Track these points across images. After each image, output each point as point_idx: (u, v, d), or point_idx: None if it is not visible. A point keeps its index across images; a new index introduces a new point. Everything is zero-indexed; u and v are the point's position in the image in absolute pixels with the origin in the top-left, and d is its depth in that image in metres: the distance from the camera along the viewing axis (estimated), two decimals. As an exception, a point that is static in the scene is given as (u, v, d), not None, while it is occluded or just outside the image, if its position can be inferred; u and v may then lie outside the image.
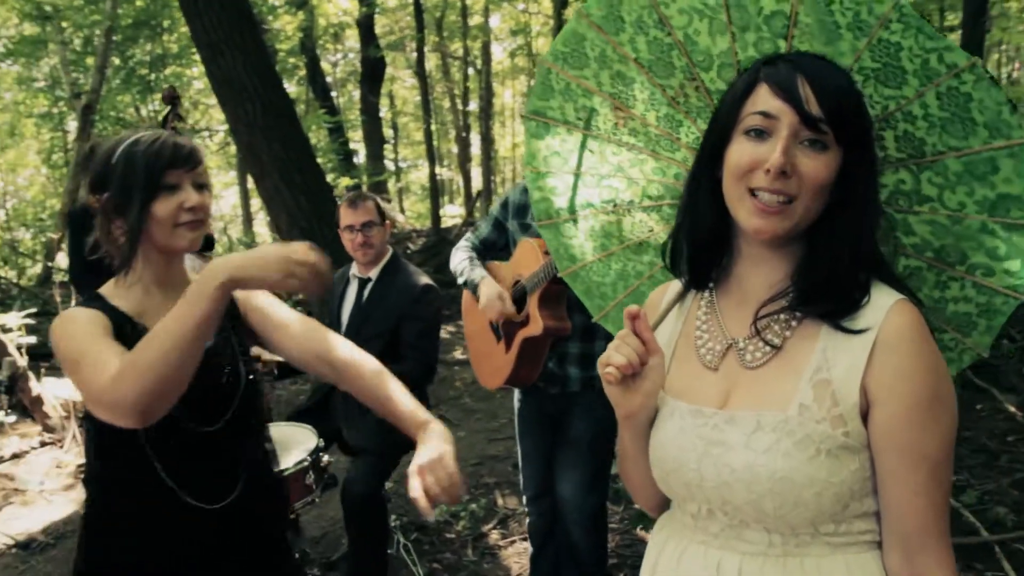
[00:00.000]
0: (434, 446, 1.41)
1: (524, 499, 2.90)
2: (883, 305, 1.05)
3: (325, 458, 2.94)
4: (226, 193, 21.23)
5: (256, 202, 21.16)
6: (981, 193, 1.11)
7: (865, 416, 1.05)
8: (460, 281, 2.76)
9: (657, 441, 1.18)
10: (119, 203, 1.48)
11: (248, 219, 18.88)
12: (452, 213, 17.22)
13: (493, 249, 2.78)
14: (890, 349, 1.03)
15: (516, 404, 2.83)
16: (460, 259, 2.77)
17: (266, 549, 1.69)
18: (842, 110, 1.03)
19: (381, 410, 1.57)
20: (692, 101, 1.32)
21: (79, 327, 1.42)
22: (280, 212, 6.20)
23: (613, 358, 1.13)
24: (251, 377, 1.65)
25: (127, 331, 1.46)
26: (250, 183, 19.09)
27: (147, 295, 1.54)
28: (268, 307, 1.68)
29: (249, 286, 1.31)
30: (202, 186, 1.52)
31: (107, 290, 1.55)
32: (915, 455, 1.02)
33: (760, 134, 1.06)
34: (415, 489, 1.36)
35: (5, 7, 11.99)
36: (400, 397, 1.56)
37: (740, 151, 1.07)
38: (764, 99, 1.05)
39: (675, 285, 1.27)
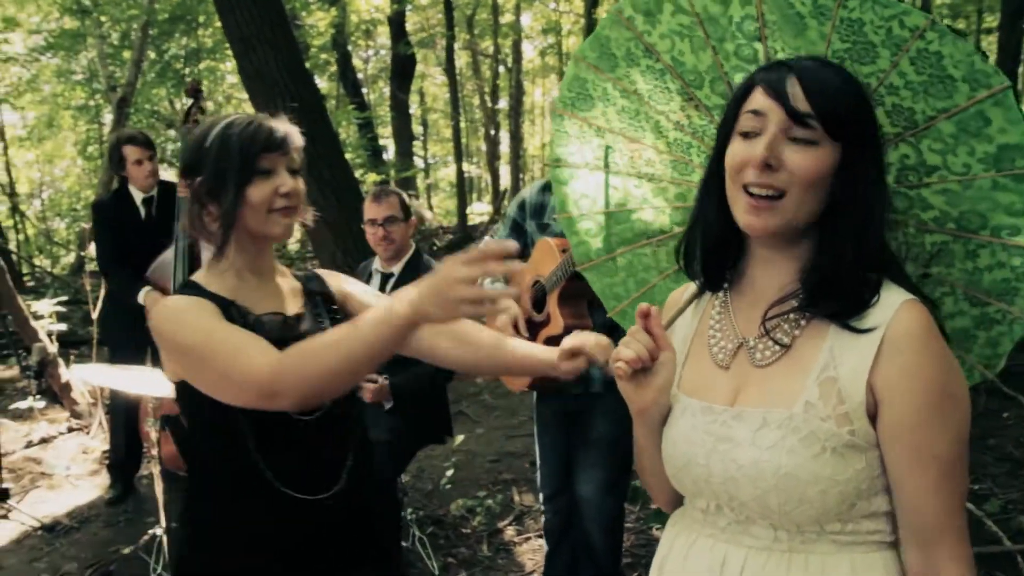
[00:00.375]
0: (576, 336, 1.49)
1: (540, 497, 2.90)
2: (891, 304, 1.05)
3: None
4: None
5: (286, 196, 21.36)
6: (981, 149, 1.10)
7: (874, 416, 1.05)
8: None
9: (669, 438, 1.20)
10: (212, 187, 1.44)
11: (278, 213, 19.06)
12: (479, 211, 17.24)
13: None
14: (897, 348, 1.03)
15: (535, 402, 2.82)
16: None
17: (369, 546, 1.64)
18: (833, 106, 1.04)
19: (511, 364, 1.62)
20: (695, 121, 1.34)
21: (195, 315, 1.40)
22: (308, 207, 6.25)
23: (623, 353, 1.16)
24: None
25: (233, 314, 1.44)
26: (281, 177, 19.27)
27: (241, 281, 1.51)
28: (363, 293, 1.68)
29: (431, 321, 1.26)
30: (296, 171, 1.49)
31: (200, 278, 1.52)
32: (925, 455, 1.02)
33: (753, 133, 1.08)
34: (572, 349, 1.49)
35: (47, 1, 12.21)
36: (523, 344, 1.63)
37: (734, 150, 1.10)
38: (756, 99, 1.08)
39: (693, 286, 1.28)
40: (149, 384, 2.85)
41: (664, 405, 1.21)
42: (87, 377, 2.93)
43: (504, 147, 18.00)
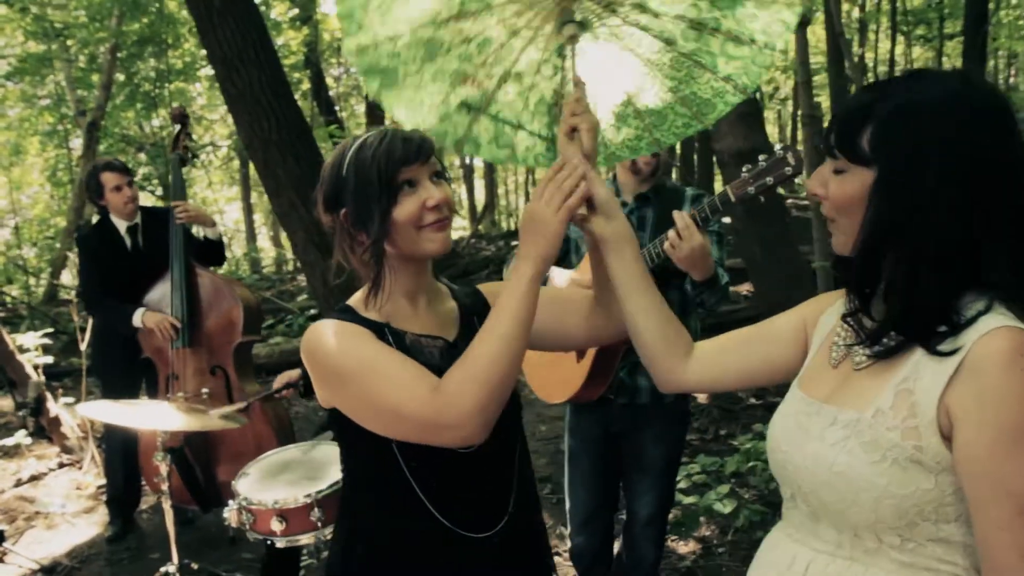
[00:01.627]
0: None
1: (569, 521, 2.82)
2: (982, 328, 1.01)
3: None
4: (229, 208, 21.25)
5: (259, 217, 21.19)
6: None
7: (950, 438, 1.02)
8: None
9: (772, 423, 1.27)
10: (358, 217, 1.35)
11: (252, 234, 18.88)
12: (456, 225, 17.21)
13: None
14: (975, 372, 0.99)
15: (568, 421, 2.77)
16: None
17: None
18: (850, 135, 1.08)
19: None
20: None
21: (352, 339, 1.32)
22: (296, 228, 6.16)
23: (571, 202, 1.30)
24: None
25: (387, 337, 1.37)
26: (253, 198, 19.12)
27: (397, 305, 1.42)
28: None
29: (550, 253, 1.27)
30: (439, 175, 1.39)
31: (355, 302, 1.43)
32: (999, 488, 0.98)
33: None
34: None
35: (11, 26, 12.00)
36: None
37: None
38: None
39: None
40: (155, 418, 2.75)
41: (617, 229, 1.37)
42: (91, 414, 2.82)
43: (479, 161, 17.99)
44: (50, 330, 6.32)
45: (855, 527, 1.09)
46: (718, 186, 14.46)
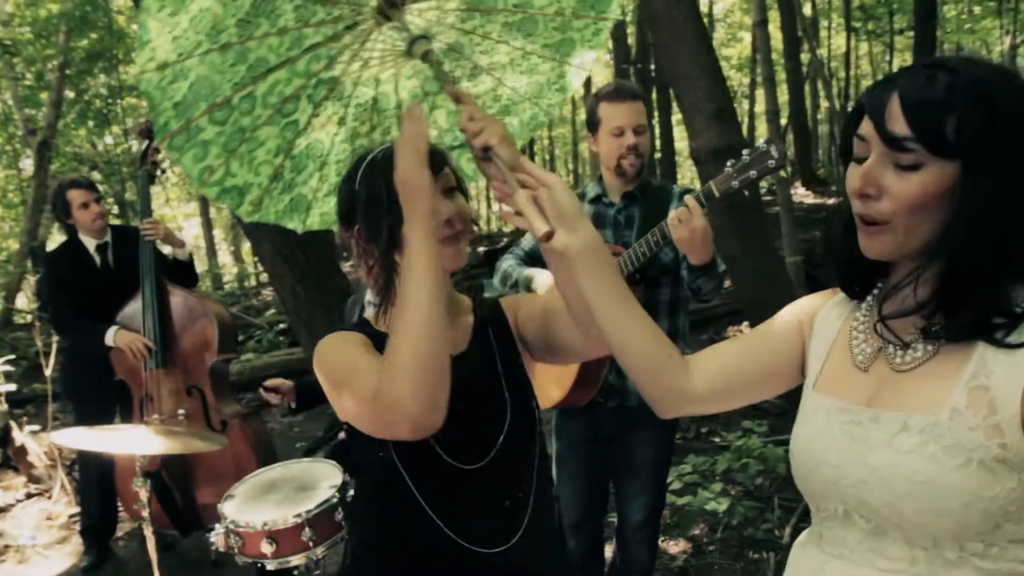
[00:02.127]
0: None
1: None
2: None
3: (351, 493, 2.83)
4: (188, 224, 20.91)
5: (218, 232, 20.87)
6: None
7: None
8: (508, 286, 2.66)
9: (800, 435, 1.17)
10: (369, 231, 1.33)
11: (212, 249, 18.59)
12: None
13: (540, 262, 2.69)
14: None
15: (555, 424, 2.73)
16: (506, 267, 2.68)
17: None
18: (936, 123, 0.97)
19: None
20: None
21: (343, 346, 1.32)
22: (262, 240, 6.04)
23: (539, 228, 1.16)
24: (525, 405, 1.46)
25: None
26: (212, 213, 18.81)
27: None
28: (531, 298, 1.54)
29: (423, 190, 1.17)
30: (452, 190, 1.34)
31: (371, 315, 1.44)
32: None
33: (861, 159, 1.05)
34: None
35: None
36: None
37: (848, 176, 1.08)
38: (863, 124, 1.04)
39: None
40: (131, 442, 2.66)
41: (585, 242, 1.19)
42: (65, 441, 2.71)
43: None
44: (11, 356, 6.10)
45: (935, 538, 1.01)
46: (682, 183, 14.57)
